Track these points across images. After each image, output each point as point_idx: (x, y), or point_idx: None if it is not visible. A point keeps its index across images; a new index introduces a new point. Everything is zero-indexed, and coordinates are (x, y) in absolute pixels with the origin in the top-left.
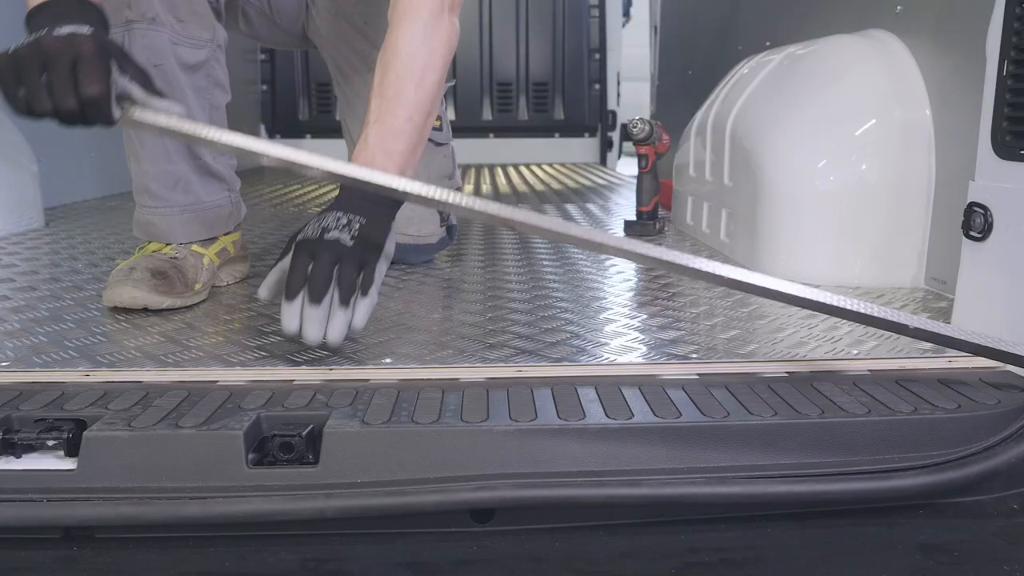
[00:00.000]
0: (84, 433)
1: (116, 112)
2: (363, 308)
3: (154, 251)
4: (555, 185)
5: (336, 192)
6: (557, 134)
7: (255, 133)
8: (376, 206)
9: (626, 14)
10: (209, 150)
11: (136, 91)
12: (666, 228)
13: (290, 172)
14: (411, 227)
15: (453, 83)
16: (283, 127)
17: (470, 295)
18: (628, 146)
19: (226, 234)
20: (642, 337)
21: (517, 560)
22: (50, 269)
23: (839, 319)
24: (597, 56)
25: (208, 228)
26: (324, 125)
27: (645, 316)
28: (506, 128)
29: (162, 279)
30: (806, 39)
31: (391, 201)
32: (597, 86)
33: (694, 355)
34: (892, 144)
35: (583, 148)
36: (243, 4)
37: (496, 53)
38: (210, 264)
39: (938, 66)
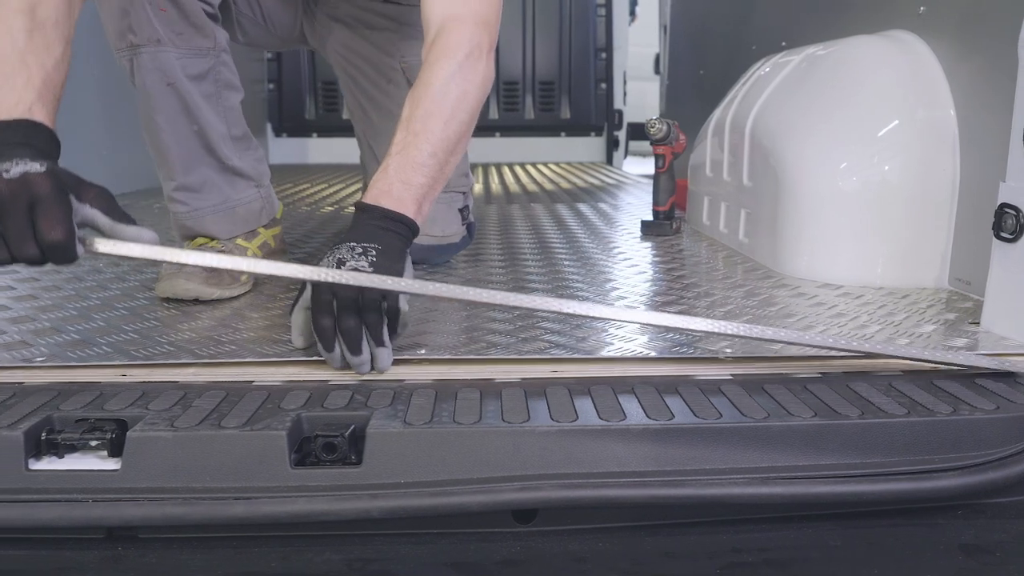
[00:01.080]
0: (127, 433)
1: (79, 249)
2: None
3: (201, 245)
4: (564, 184)
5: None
6: (563, 133)
7: (262, 132)
8: (389, 235)
9: (632, 13)
10: (229, 153)
11: (101, 219)
12: (682, 228)
13: (299, 171)
14: (435, 227)
15: None
16: (289, 126)
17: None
18: (634, 145)
19: (267, 228)
20: (672, 336)
21: (561, 560)
22: (72, 268)
23: (869, 317)
24: (603, 55)
25: (241, 224)
26: (330, 124)
27: (674, 313)
28: (512, 127)
29: (212, 271)
30: (824, 40)
31: (405, 229)
32: (603, 85)
33: (728, 349)
34: (915, 145)
35: (589, 147)
36: (236, 15)
37: (502, 52)
38: (253, 256)
39: (963, 67)
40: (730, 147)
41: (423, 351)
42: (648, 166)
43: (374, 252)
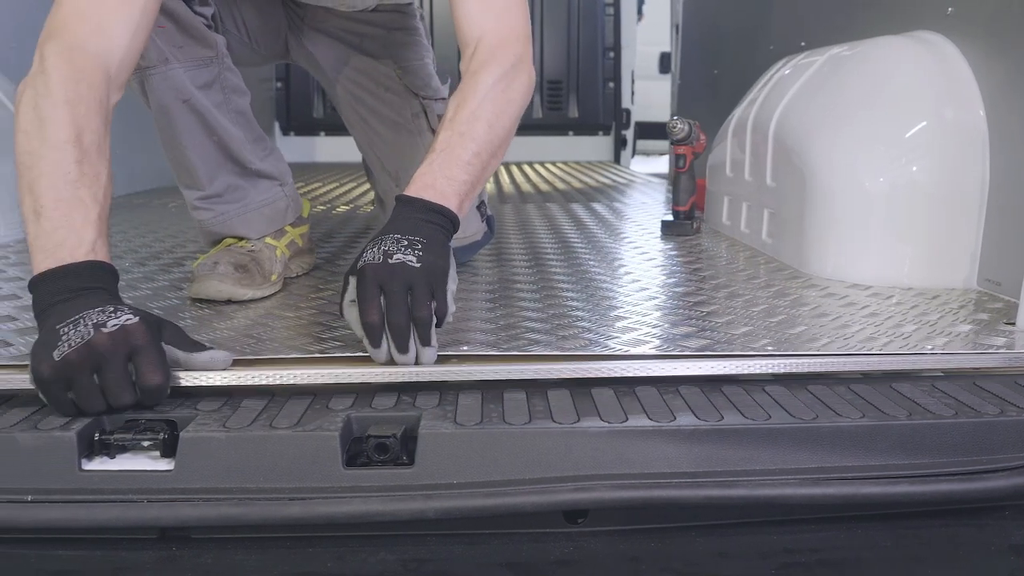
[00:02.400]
0: (181, 434)
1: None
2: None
3: (230, 244)
4: (576, 184)
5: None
6: (571, 132)
7: (269, 130)
8: (433, 228)
9: (639, 12)
10: (252, 158)
11: (179, 355)
12: (701, 228)
13: (308, 170)
14: None
15: None
16: (297, 124)
17: (525, 293)
18: (641, 144)
19: (294, 227)
20: (713, 333)
21: (615, 560)
22: None
23: (903, 317)
24: (611, 54)
25: (268, 223)
26: (338, 122)
27: (707, 312)
28: (520, 126)
29: (244, 272)
30: (846, 40)
31: (448, 223)
32: (611, 84)
33: (770, 347)
34: (944, 145)
35: (597, 146)
36: (223, 33)
37: None
38: (282, 256)
39: (993, 68)
40: (752, 147)
41: (465, 348)
42: (655, 165)
43: (420, 245)
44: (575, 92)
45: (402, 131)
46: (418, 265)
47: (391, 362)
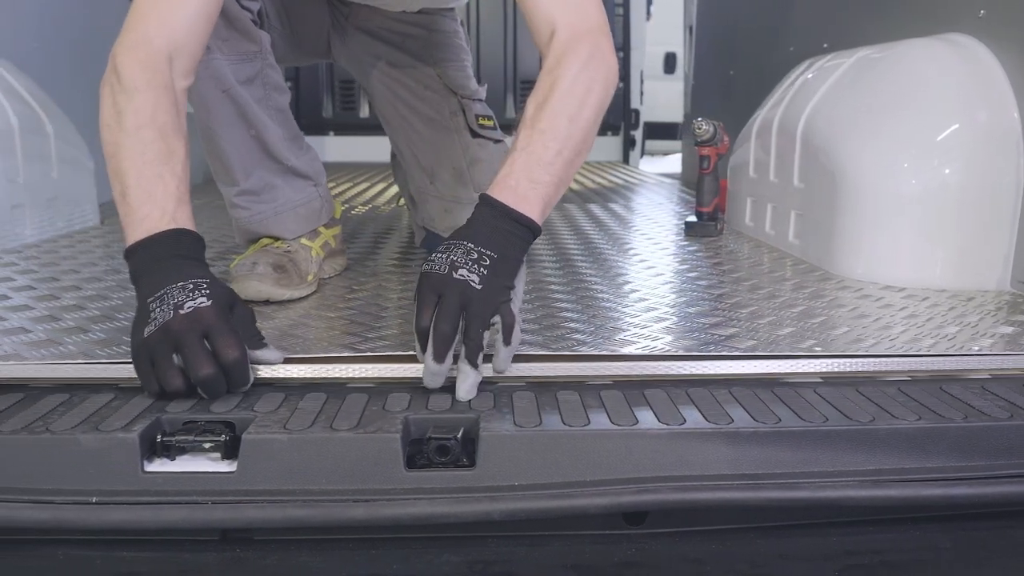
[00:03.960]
0: (243, 436)
1: (251, 376)
2: (503, 354)
3: (266, 245)
4: (589, 184)
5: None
6: None
7: None
8: (511, 239)
9: (647, 13)
10: (288, 154)
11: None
12: (724, 229)
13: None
14: None
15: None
16: (307, 124)
17: (561, 294)
18: (650, 144)
19: (327, 228)
20: (757, 334)
21: (678, 562)
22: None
23: (943, 319)
24: (621, 54)
25: (303, 223)
26: (348, 122)
27: (746, 313)
28: None
29: (282, 273)
30: (873, 43)
31: (528, 234)
32: (620, 84)
33: (817, 348)
34: (977, 147)
35: (606, 146)
36: (268, 29)
37: (520, 50)
38: (317, 257)
39: None
40: (778, 149)
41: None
42: (662, 165)
43: (487, 261)
44: None
45: (440, 129)
46: (479, 287)
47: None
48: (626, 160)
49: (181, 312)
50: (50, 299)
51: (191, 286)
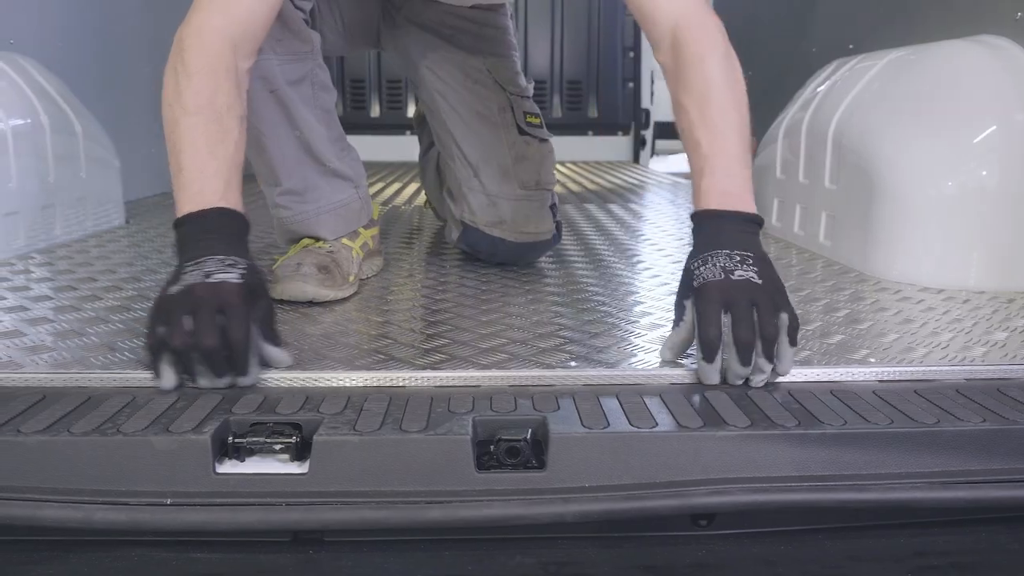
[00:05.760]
0: (315, 438)
1: (255, 369)
2: (788, 355)
3: (307, 246)
4: (604, 184)
5: None
6: (591, 132)
7: None
8: (754, 239)
9: None
10: (331, 156)
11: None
12: None
13: None
14: (528, 224)
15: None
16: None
17: (601, 297)
18: (659, 144)
19: (366, 229)
20: (809, 343)
21: (750, 563)
22: (165, 268)
23: (989, 323)
24: (632, 54)
25: (344, 224)
26: (359, 121)
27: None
28: None
29: (326, 273)
30: (902, 44)
31: (758, 229)
32: (631, 84)
33: (871, 359)
34: (1014, 149)
35: (616, 146)
36: (320, 23)
37: (531, 51)
38: (357, 257)
39: None
40: (807, 150)
41: (573, 363)
42: (674, 165)
43: (751, 259)
44: (595, 92)
45: (488, 124)
46: (760, 281)
47: (724, 381)
48: (636, 160)
49: (208, 281)
50: (93, 299)
51: (229, 262)
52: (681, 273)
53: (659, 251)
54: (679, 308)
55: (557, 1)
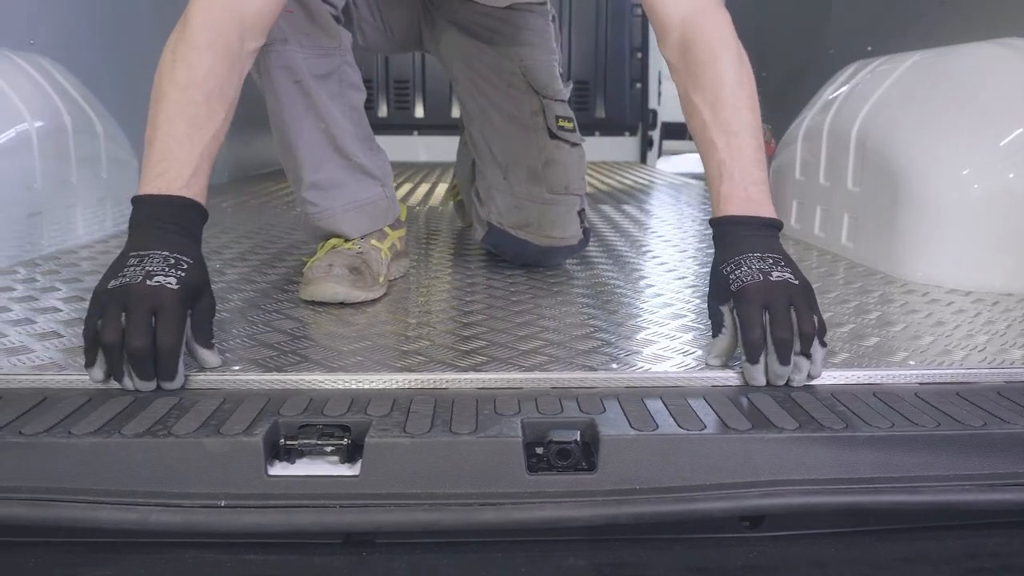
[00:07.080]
0: (366, 440)
1: (180, 374)
2: (820, 356)
3: (335, 247)
4: (617, 184)
5: None
6: (598, 132)
7: None
8: (776, 242)
9: None
10: (356, 151)
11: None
12: None
13: None
14: (554, 229)
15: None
16: None
17: (630, 298)
18: (666, 145)
19: (393, 229)
20: (845, 344)
21: (803, 566)
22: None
23: (1022, 325)
24: (639, 55)
25: (370, 222)
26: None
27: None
28: None
29: (357, 275)
30: (923, 47)
31: (776, 231)
32: (639, 85)
33: (911, 361)
34: None
35: (624, 147)
36: (358, 20)
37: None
38: (385, 258)
39: None
40: (828, 152)
41: (615, 365)
42: (681, 165)
43: (783, 261)
44: (602, 93)
45: (520, 126)
46: (797, 282)
47: (763, 383)
48: (644, 160)
49: (147, 283)
50: None
51: (172, 261)
52: (709, 277)
53: (681, 252)
54: (716, 314)
55: (565, 2)
